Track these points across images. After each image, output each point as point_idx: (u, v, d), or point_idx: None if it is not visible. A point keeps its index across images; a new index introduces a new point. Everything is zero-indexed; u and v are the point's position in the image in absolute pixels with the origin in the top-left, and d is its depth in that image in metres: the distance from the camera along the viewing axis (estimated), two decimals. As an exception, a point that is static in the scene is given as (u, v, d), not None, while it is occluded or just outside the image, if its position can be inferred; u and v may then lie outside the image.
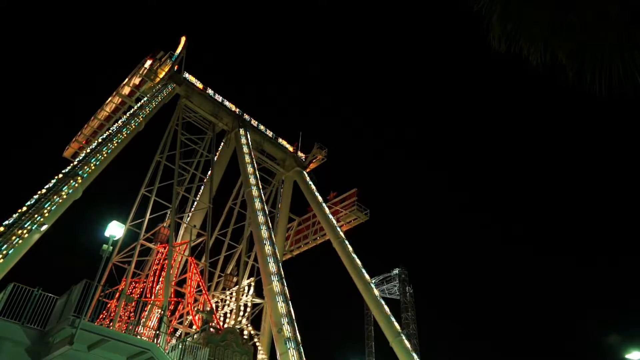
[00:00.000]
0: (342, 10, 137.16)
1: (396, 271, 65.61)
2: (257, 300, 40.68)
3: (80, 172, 30.13)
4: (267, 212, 37.45)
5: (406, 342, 34.05)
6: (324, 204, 44.02)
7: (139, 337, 17.96)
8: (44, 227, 26.34)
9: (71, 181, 29.28)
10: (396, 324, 35.34)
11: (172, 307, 35.35)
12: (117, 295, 32.67)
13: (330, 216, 43.03)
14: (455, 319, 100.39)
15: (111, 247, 17.21)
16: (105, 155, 32.50)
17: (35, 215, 26.22)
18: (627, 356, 21.51)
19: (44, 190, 28.71)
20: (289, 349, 27.42)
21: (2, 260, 23.32)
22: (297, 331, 28.86)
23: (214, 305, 38.69)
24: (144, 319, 29.24)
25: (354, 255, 39.11)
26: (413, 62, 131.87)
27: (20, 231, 24.95)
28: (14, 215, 26.49)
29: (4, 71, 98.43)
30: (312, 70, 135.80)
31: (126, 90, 43.89)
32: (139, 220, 36.59)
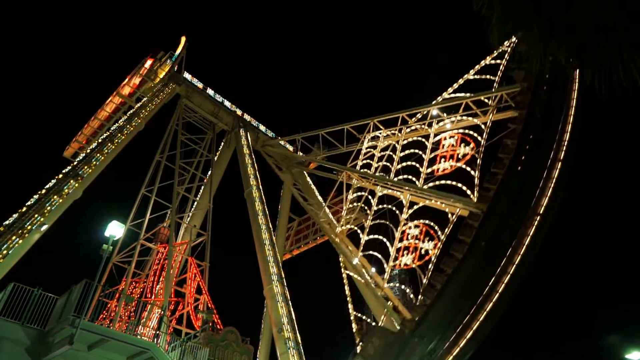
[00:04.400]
0: (342, 10, 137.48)
1: (396, 271, 65.39)
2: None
3: (80, 172, 30.17)
4: (267, 213, 37.44)
5: None
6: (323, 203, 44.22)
7: (139, 337, 17.95)
8: (44, 227, 26.40)
9: (71, 181, 29.32)
10: None
11: (172, 307, 35.33)
12: (117, 295, 32.65)
13: (330, 215, 43.20)
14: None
15: (111, 247, 17.20)
16: (105, 155, 32.54)
17: (35, 215, 26.27)
18: (627, 356, 21.45)
19: (44, 190, 28.73)
20: (289, 349, 27.42)
21: (2, 260, 23.37)
22: (297, 331, 28.87)
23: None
24: (144, 319, 29.22)
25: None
26: (414, 61, 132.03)
27: (20, 231, 25.01)
28: (14, 215, 26.53)
29: (4, 71, 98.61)
30: (313, 71, 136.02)
31: (126, 90, 43.89)
32: (139, 220, 36.61)
